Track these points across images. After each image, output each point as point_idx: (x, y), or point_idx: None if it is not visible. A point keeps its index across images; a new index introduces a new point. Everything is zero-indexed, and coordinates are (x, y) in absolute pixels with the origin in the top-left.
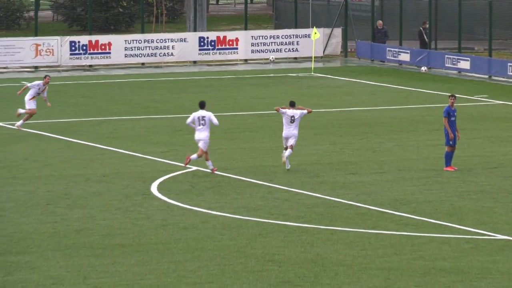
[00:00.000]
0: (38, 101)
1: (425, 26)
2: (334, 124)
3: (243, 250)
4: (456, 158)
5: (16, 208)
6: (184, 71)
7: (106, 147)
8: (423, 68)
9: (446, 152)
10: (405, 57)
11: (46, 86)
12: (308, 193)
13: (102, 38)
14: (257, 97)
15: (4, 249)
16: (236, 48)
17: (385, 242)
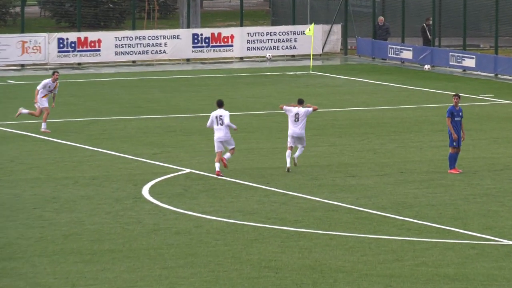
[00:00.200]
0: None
1: (429, 22)
2: (333, 125)
3: (238, 256)
4: (460, 160)
5: (2, 212)
6: (177, 69)
7: (95, 149)
8: (426, 66)
9: (450, 154)
10: (407, 54)
11: (56, 83)
12: (306, 196)
13: (92, 35)
14: (253, 96)
15: None
16: (231, 46)
17: (387, 247)
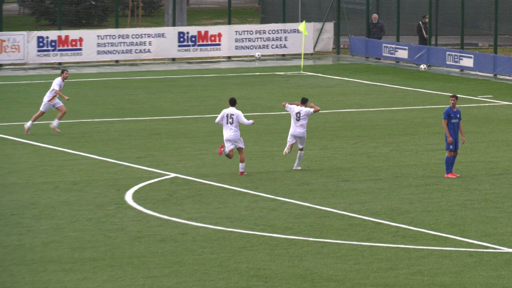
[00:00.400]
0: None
1: (425, 20)
2: (325, 127)
3: (225, 264)
4: (458, 164)
5: None
6: (162, 69)
7: (76, 152)
8: (423, 66)
9: (446, 158)
10: (402, 54)
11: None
12: (296, 202)
13: (73, 34)
14: (242, 97)
15: None
16: (219, 44)
17: (381, 255)
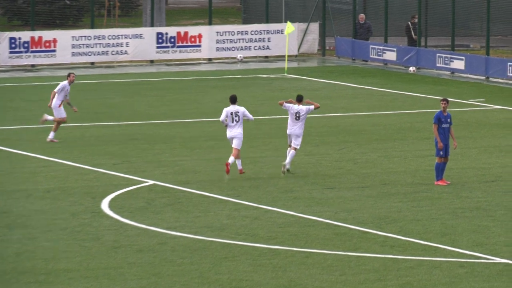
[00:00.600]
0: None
1: (414, 20)
2: (310, 132)
3: (206, 275)
4: (448, 171)
5: None
6: (140, 71)
7: (50, 158)
8: (412, 69)
9: (436, 164)
10: (391, 55)
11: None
12: (280, 210)
13: (46, 34)
14: (223, 101)
15: None
16: (199, 46)
17: (368, 266)
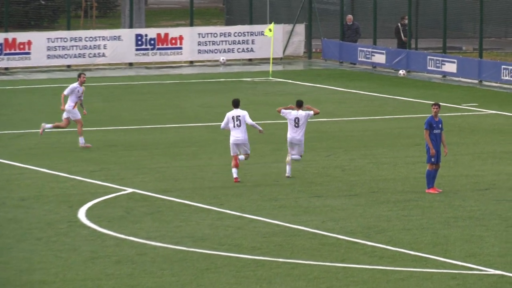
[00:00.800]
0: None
1: (404, 21)
2: None
3: (187, 287)
4: (440, 178)
5: None
6: (118, 75)
7: (25, 166)
8: (402, 72)
9: (428, 171)
10: (380, 58)
11: (83, 88)
12: (265, 219)
13: (21, 36)
14: (205, 105)
15: None
16: (180, 48)
17: (356, 277)
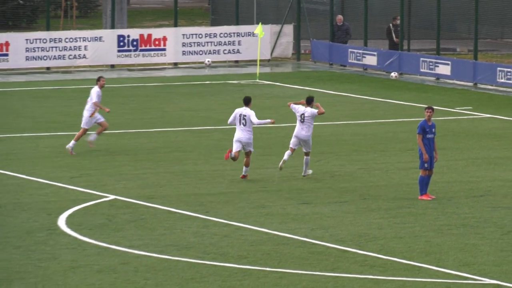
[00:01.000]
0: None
1: (396, 22)
2: (284, 143)
3: None
4: (433, 185)
5: None
6: None
7: (2, 171)
8: (393, 74)
9: (420, 177)
10: (371, 60)
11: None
12: (252, 227)
13: None
14: (190, 109)
15: None
16: (164, 49)
17: (347, 287)
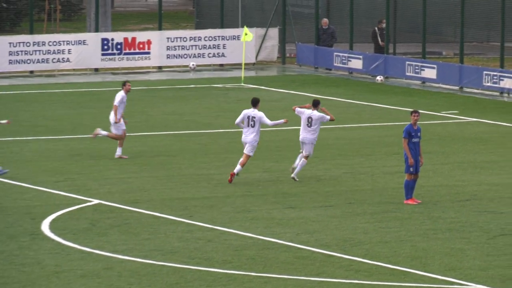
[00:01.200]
0: None
1: (381, 25)
2: (269, 147)
3: None
4: (419, 189)
5: None
6: (84, 81)
7: None
8: (379, 78)
9: (406, 181)
10: (356, 63)
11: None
12: (237, 232)
13: None
14: (174, 113)
15: None
16: (148, 53)
17: None
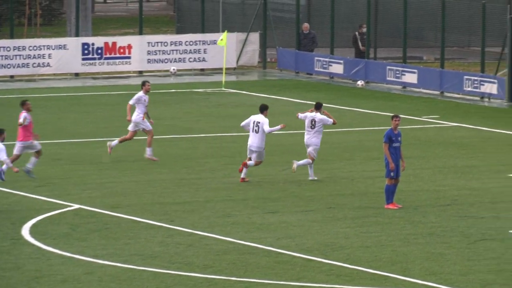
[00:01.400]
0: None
1: (362, 30)
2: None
3: None
4: (399, 193)
5: None
6: (64, 85)
7: None
8: (360, 82)
9: (387, 186)
10: (337, 68)
11: (147, 96)
12: (217, 236)
13: None
14: (155, 117)
15: None
16: (129, 57)
17: None
